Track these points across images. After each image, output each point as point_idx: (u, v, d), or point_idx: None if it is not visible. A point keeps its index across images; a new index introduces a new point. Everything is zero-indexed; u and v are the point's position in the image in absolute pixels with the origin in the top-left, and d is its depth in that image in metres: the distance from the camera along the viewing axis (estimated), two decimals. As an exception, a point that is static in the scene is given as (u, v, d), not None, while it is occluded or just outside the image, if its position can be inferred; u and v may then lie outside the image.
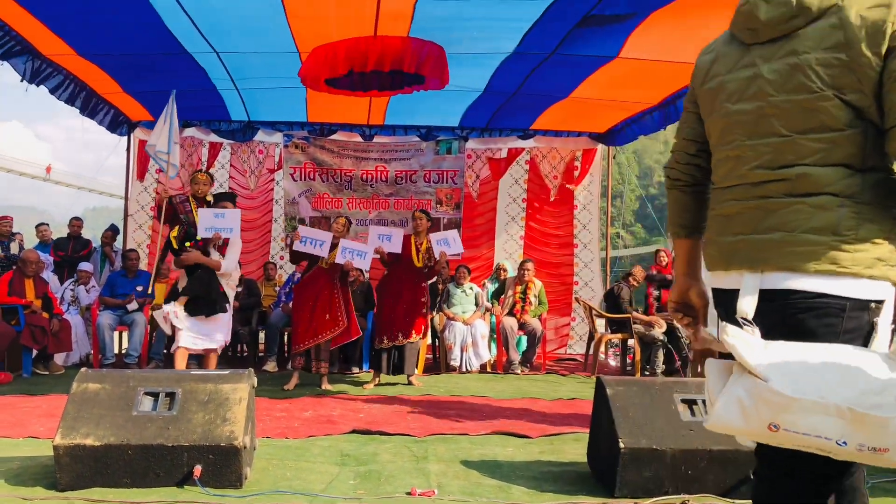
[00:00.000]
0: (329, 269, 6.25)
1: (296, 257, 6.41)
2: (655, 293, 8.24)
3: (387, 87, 6.30)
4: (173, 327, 5.40)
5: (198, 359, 5.95)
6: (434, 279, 6.89)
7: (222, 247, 5.54)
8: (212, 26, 6.17)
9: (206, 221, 5.36)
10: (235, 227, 5.43)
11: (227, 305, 5.52)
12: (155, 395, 3.17)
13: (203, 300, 5.37)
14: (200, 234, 5.36)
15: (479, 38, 6.22)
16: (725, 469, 3.07)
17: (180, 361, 5.43)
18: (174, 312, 5.33)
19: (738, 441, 1.62)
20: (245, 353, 8.47)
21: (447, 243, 6.46)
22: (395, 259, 6.43)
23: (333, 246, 6.18)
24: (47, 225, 9.12)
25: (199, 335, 5.42)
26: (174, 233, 5.51)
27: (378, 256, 6.50)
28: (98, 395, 3.12)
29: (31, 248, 8.81)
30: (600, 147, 9.85)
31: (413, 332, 6.42)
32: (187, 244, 5.41)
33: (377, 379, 6.51)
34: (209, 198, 5.71)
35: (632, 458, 3.05)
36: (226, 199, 5.83)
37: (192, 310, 5.36)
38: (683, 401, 3.23)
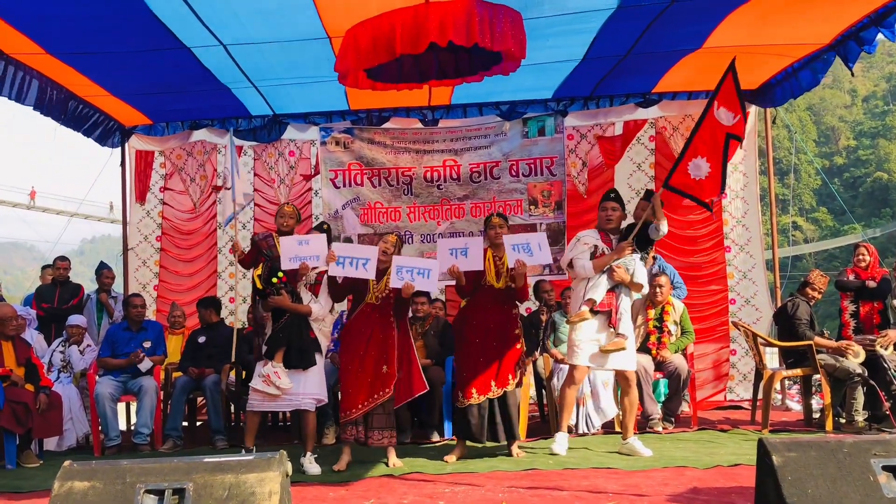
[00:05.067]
0: (381, 305, 6.30)
1: (339, 292, 6.48)
2: (852, 308, 7.96)
3: (449, 71, 6.32)
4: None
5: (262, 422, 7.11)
6: (524, 303, 6.83)
7: (315, 285, 6.35)
8: (214, 10, 6.41)
9: (290, 251, 6.17)
10: (322, 255, 6.22)
11: (318, 356, 6.30)
12: (159, 494, 3.24)
13: (295, 350, 6.15)
14: (284, 266, 6.15)
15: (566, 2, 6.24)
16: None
17: (253, 426, 6.38)
18: (276, 373, 6.06)
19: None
20: (288, 422, 8.62)
21: (528, 249, 6.25)
22: (474, 284, 6.44)
23: (382, 273, 6.27)
24: (67, 261, 9.45)
25: (291, 392, 6.19)
26: (257, 271, 6.40)
27: (452, 282, 6.50)
28: (87, 496, 3.22)
29: (30, 295, 9.28)
30: (754, 109, 9.60)
31: (509, 376, 6.41)
32: (273, 280, 6.19)
33: (462, 449, 6.49)
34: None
35: (815, 553, 2.92)
36: (317, 230, 6.91)
37: (284, 362, 6.16)
38: (886, 468, 3.07)
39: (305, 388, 6.23)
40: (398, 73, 6.42)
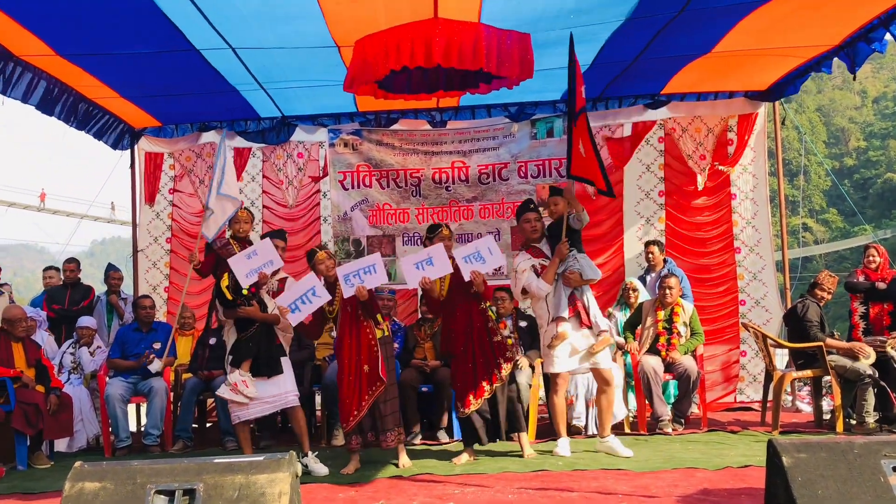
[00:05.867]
0: (348, 311, 6.34)
1: (310, 331, 6.64)
2: (862, 309, 7.95)
3: (456, 84, 6.36)
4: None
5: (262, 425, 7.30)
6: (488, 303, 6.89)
7: (278, 292, 6.29)
8: (224, 15, 6.46)
9: (243, 267, 6.19)
10: (275, 258, 6.30)
11: (283, 360, 6.40)
12: (170, 494, 3.26)
13: (263, 360, 6.26)
14: (244, 283, 6.18)
15: (576, 18, 6.28)
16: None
17: (246, 437, 6.44)
18: (243, 382, 6.14)
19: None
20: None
21: (480, 257, 6.31)
22: (440, 298, 6.51)
23: (333, 285, 6.35)
24: (75, 262, 9.47)
25: (269, 398, 6.30)
26: (224, 281, 6.33)
27: (425, 296, 6.62)
28: (97, 496, 3.24)
29: (38, 296, 9.30)
30: (763, 110, 9.59)
31: (494, 371, 6.40)
32: (244, 292, 6.23)
33: (471, 455, 6.49)
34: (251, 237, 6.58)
35: (826, 554, 2.91)
36: (275, 237, 6.74)
37: (252, 371, 6.23)
38: (897, 469, 3.06)
39: (286, 387, 6.35)
40: (407, 84, 6.45)
